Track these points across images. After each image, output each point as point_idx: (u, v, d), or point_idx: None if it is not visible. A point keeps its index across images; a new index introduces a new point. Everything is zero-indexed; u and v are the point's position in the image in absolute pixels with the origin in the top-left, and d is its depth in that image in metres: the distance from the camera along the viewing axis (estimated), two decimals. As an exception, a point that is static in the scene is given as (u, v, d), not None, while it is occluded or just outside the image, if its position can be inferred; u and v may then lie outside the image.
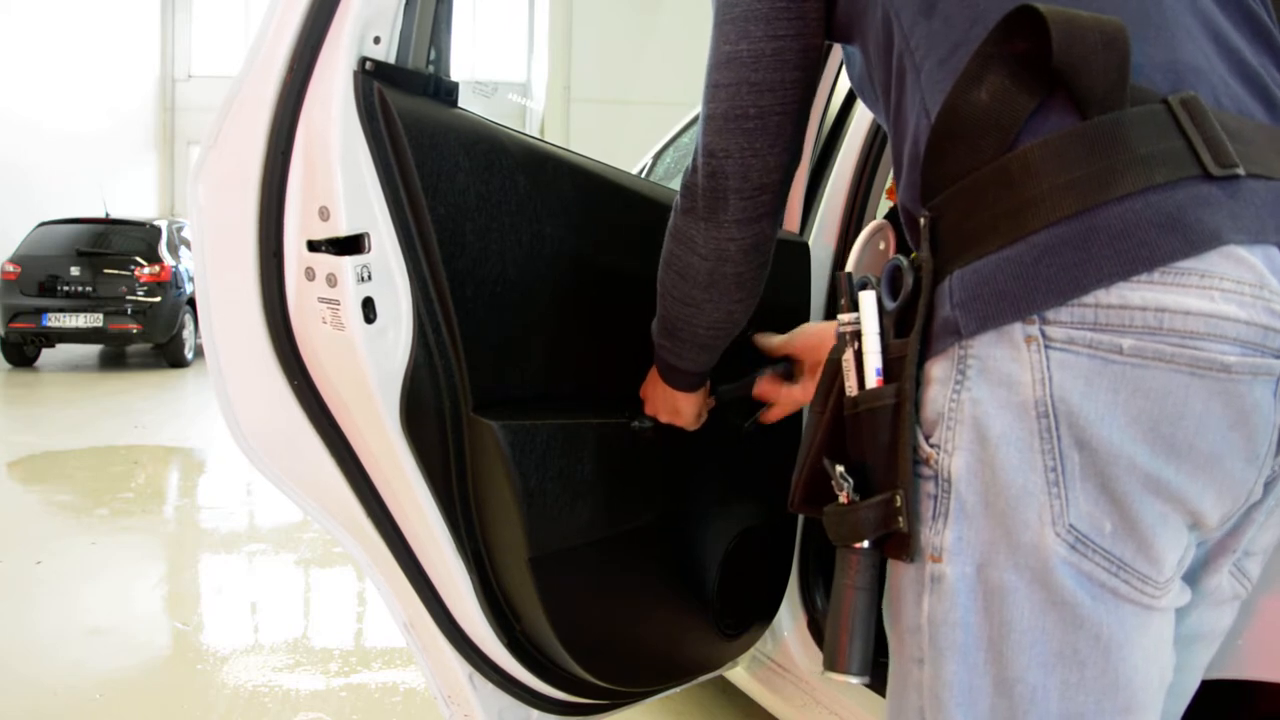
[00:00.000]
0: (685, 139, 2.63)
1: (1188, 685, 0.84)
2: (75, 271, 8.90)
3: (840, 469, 0.78)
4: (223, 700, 2.29)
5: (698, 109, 2.78)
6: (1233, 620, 0.83)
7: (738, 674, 1.83)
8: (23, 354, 9.25)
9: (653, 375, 1.21)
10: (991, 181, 0.70)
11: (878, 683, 0.83)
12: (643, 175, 2.59)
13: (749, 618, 1.56)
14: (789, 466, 1.60)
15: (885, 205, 1.88)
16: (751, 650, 1.65)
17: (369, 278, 1.00)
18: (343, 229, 0.99)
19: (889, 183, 1.77)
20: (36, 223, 9.37)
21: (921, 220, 0.75)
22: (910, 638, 0.75)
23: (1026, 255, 0.68)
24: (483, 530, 1.16)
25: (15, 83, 11.62)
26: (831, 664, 0.78)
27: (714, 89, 0.88)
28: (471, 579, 1.17)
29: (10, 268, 8.93)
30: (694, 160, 0.92)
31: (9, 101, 11.45)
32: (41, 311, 8.79)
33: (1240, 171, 0.68)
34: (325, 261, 1.00)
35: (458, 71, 1.13)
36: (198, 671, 2.47)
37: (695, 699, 2.26)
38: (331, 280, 1.00)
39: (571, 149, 1.28)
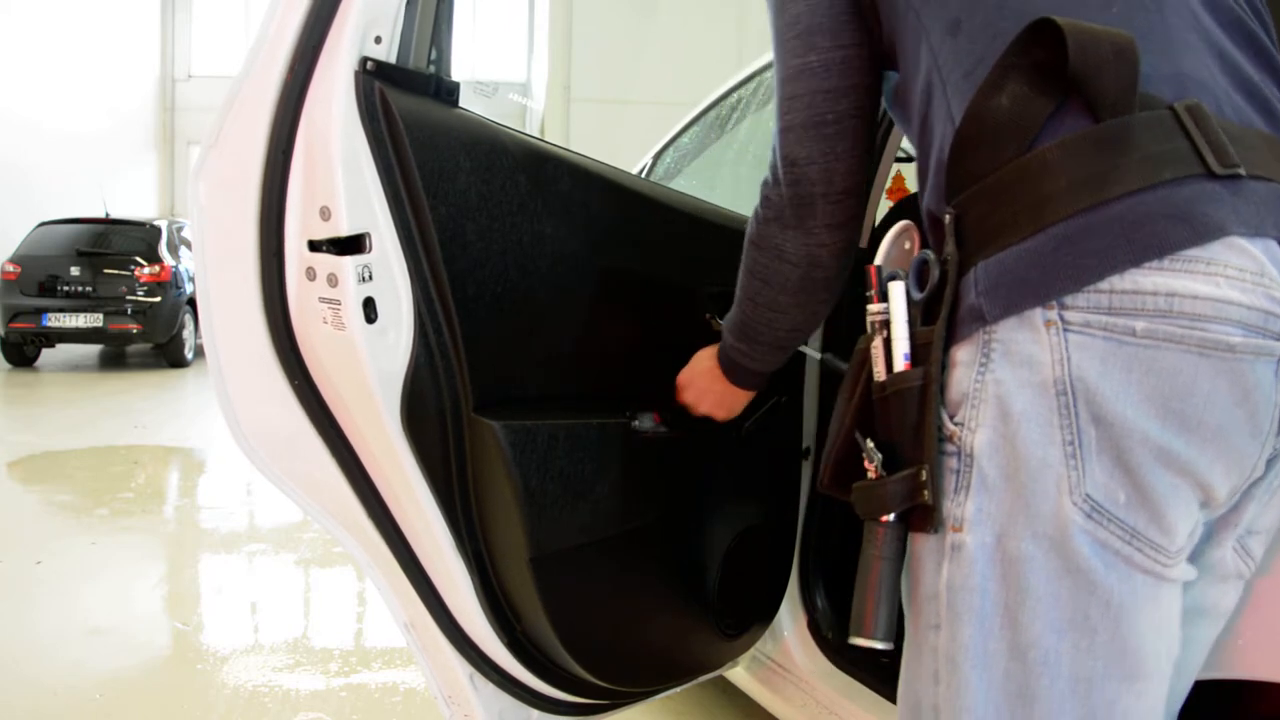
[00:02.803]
0: (685, 139, 2.63)
1: (1193, 661, 0.86)
2: (75, 271, 8.89)
3: (870, 443, 0.83)
4: (223, 700, 2.29)
5: (698, 109, 2.75)
6: (1236, 600, 0.86)
7: (738, 674, 1.83)
8: (23, 354, 9.24)
9: (703, 371, 1.22)
10: (1013, 179, 0.75)
11: (880, 681, 0.85)
12: (643, 175, 2.59)
13: (749, 618, 1.56)
14: (788, 466, 1.62)
15: (885, 206, 1.88)
16: (751, 650, 1.66)
17: (370, 278, 1.00)
18: (344, 229, 0.99)
19: (889, 183, 1.77)
20: (36, 223, 9.35)
21: (946, 218, 0.79)
22: (928, 605, 0.79)
23: (1045, 246, 0.72)
24: (483, 530, 1.16)
25: (15, 83, 11.60)
26: (858, 629, 0.82)
27: (789, 101, 0.92)
28: (472, 579, 1.17)
29: (10, 268, 8.92)
30: (773, 173, 0.95)
31: (9, 101, 11.43)
32: (41, 311, 8.78)
33: (1242, 171, 0.73)
34: (326, 261, 1.00)
35: (458, 71, 1.13)
36: (198, 671, 2.47)
37: (695, 699, 2.25)
38: (332, 280, 1.00)
39: (571, 149, 1.28)
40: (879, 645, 0.81)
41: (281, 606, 3.07)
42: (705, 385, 1.23)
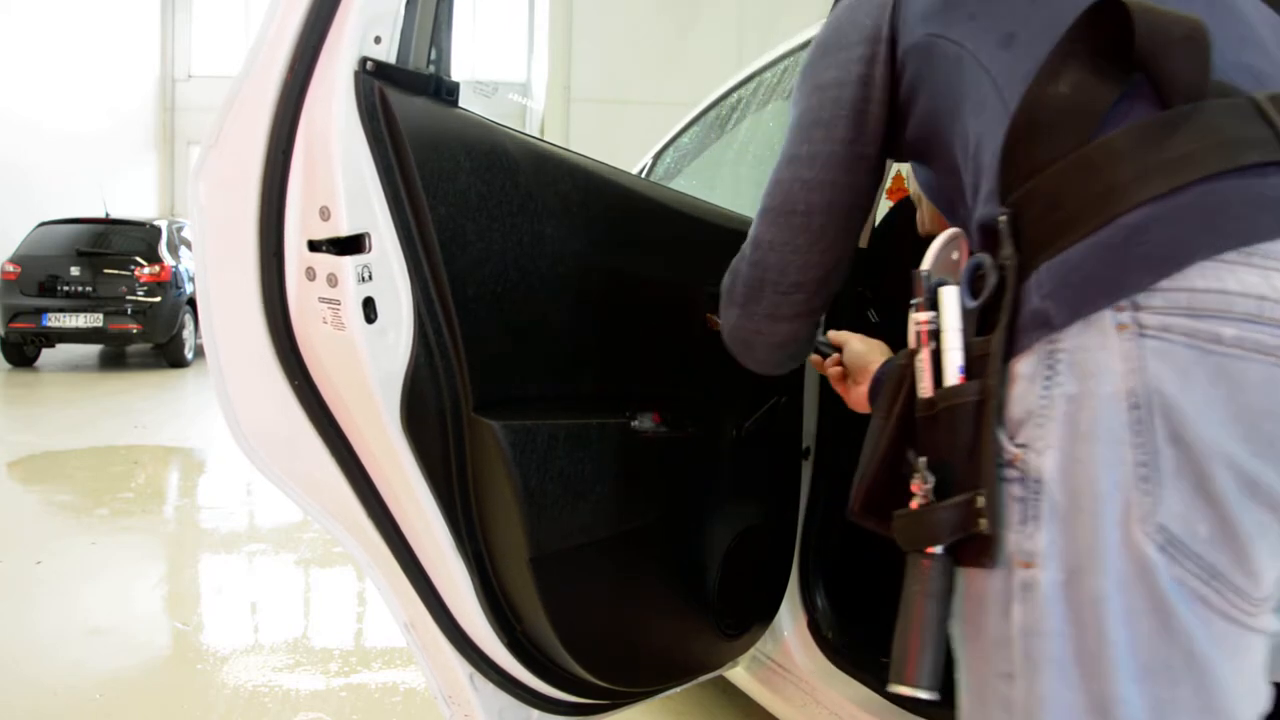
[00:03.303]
0: (685, 139, 2.63)
1: None
2: (75, 271, 8.89)
3: (924, 461, 0.74)
4: (223, 700, 2.29)
5: (697, 109, 2.75)
6: None
7: (738, 674, 1.83)
8: (23, 354, 9.24)
9: None
10: (1075, 171, 0.68)
11: (880, 681, 0.82)
12: (643, 175, 2.59)
13: (749, 618, 1.56)
14: (788, 466, 1.61)
15: (884, 205, 1.88)
16: (751, 650, 1.65)
17: (370, 278, 1.00)
18: (343, 229, 0.99)
19: (888, 183, 1.77)
20: (36, 223, 9.36)
21: (1000, 219, 0.72)
22: (998, 652, 0.71)
23: (1115, 237, 0.65)
24: (483, 530, 1.16)
25: (15, 83, 11.60)
26: (899, 677, 0.73)
27: (773, 185, 0.92)
28: (472, 579, 1.17)
29: (10, 268, 8.93)
30: (744, 248, 0.96)
31: (9, 101, 11.43)
32: (41, 311, 8.78)
33: None
34: (326, 261, 1.00)
35: (458, 71, 1.13)
36: (198, 671, 2.47)
37: (695, 699, 2.25)
38: (332, 280, 1.00)
39: (571, 149, 1.28)
40: (923, 695, 0.71)
41: (281, 606, 3.06)
42: None
